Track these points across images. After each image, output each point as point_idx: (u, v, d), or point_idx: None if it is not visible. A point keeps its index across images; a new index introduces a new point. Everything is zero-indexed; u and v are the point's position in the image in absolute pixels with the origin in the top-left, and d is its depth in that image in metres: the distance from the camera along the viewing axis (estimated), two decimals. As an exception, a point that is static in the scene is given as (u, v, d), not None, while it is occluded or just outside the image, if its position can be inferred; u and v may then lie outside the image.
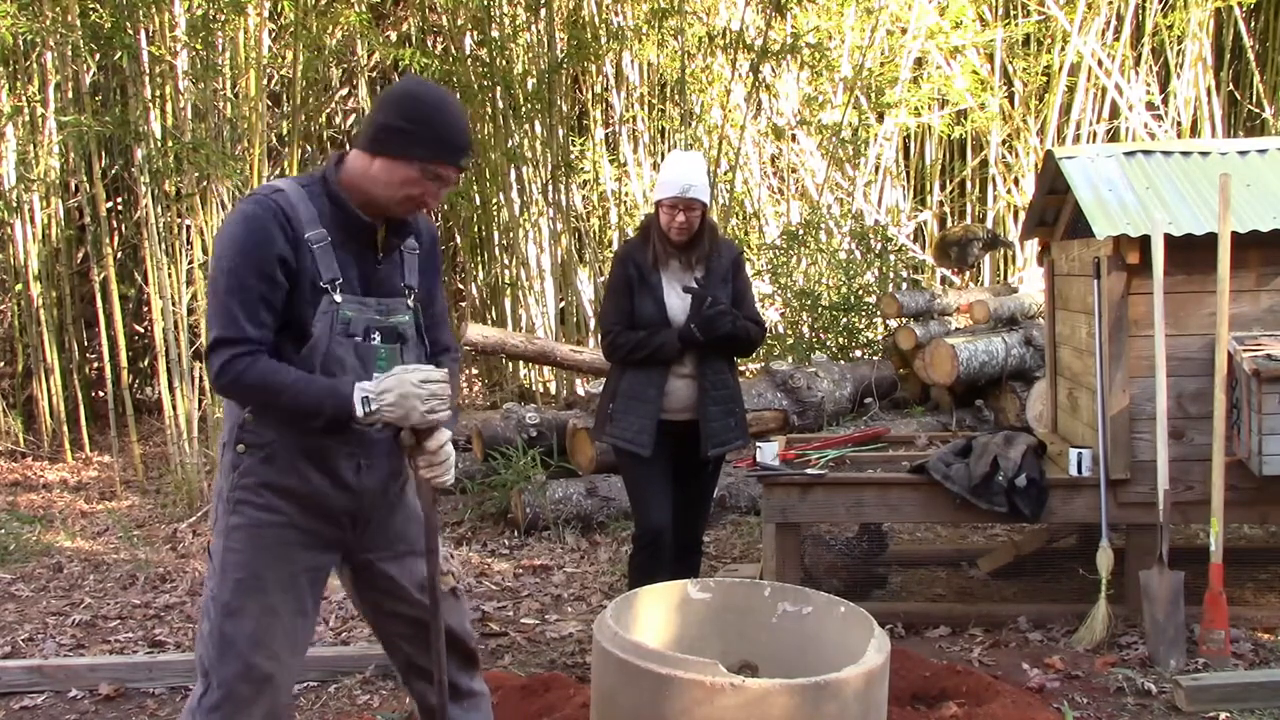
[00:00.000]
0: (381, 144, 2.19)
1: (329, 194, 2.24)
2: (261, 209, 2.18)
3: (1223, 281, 3.77)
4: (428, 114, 2.19)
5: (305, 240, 2.18)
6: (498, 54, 8.47)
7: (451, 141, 2.22)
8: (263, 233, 2.15)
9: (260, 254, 2.14)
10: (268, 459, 2.25)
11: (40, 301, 8.08)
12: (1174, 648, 3.68)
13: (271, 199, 2.19)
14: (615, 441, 3.72)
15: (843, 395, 6.85)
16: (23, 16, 6.78)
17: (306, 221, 2.19)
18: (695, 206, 3.66)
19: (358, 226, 2.25)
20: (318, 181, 2.26)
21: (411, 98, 2.21)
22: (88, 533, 6.06)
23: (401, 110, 2.19)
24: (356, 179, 2.23)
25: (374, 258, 2.29)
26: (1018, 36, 9.54)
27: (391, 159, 2.19)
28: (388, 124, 2.19)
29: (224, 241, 2.18)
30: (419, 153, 2.19)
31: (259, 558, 2.24)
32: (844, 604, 2.46)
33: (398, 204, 2.24)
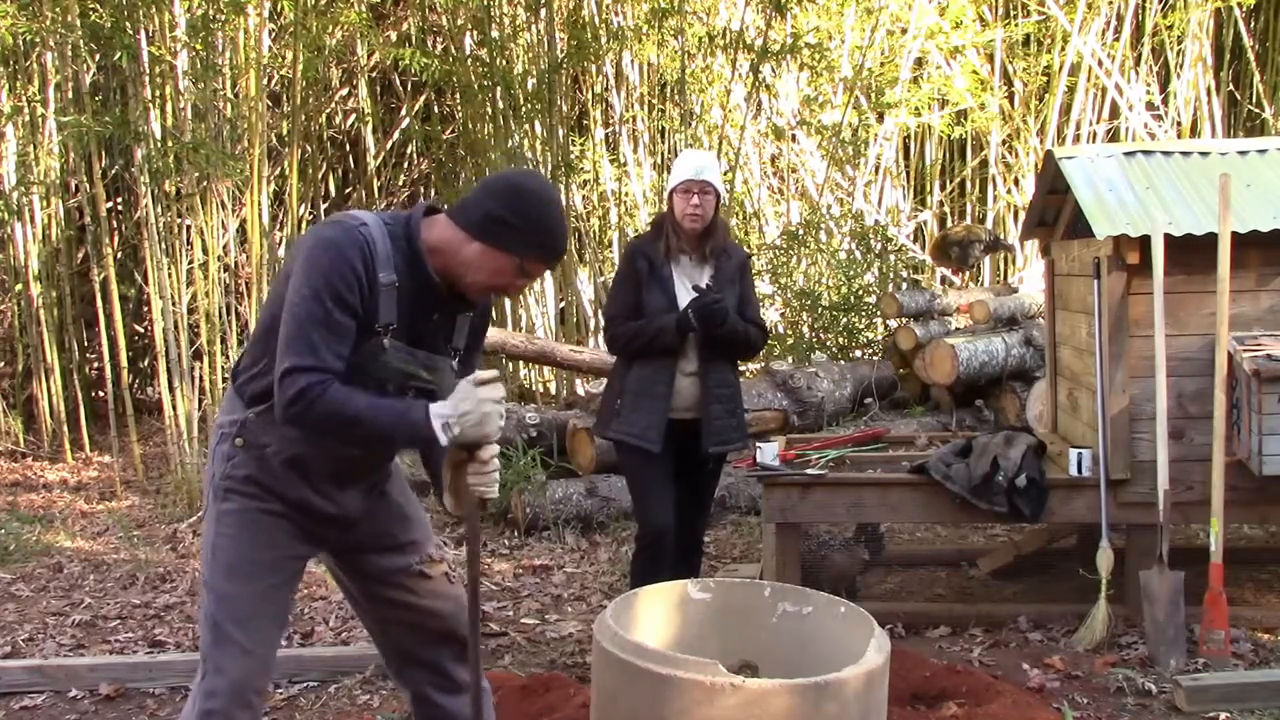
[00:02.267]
0: (486, 232, 2.21)
1: (410, 244, 2.25)
2: (348, 239, 2.19)
3: (1223, 281, 3.77)
4: (539, 215, 2.22)
5: (379, 279, 2.20)
6: (498, 54, 8.47)
7: (554, 246, 2.27)
8: (347, 264, 2.16)
9: (344, 285, 2.15)
10: (260, 459, 2.29)
11: (40, 301, 8.07)
12: (1174, 648, 3.68)
13: (359, 231, 2.20)
14: (623, 437, 3.71)
15: (843, 395, 6.84)
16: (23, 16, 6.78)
17: (382, 261, 2.21)
18: (709, 190, 3.67)
19: (427, 285, 2.26)
20: (400, 225, 2.27)
21: (526, 195, 2.23)
22: (88, 533, 6.06)
23: (514, 205, 2.21)
24: (444, 249, 2.25)
25: (431, 316, 2.32)
26: (1018, 36, 9.54)
27: (493, 249, 2.22)
28: (498, 216, 2.21)
29: (307, 266, 2.17)
30: (522, 250, 2.22)
31: (248, 541, 2.29)
32: (844, 604, 2.46)
33: (480, 288, 2.28)
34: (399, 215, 2.31)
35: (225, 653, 2.25)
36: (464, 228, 2.23)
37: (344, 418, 2.14)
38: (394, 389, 2.27)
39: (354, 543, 2.43)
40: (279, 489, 2.30)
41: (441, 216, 2.29)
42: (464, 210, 2.25)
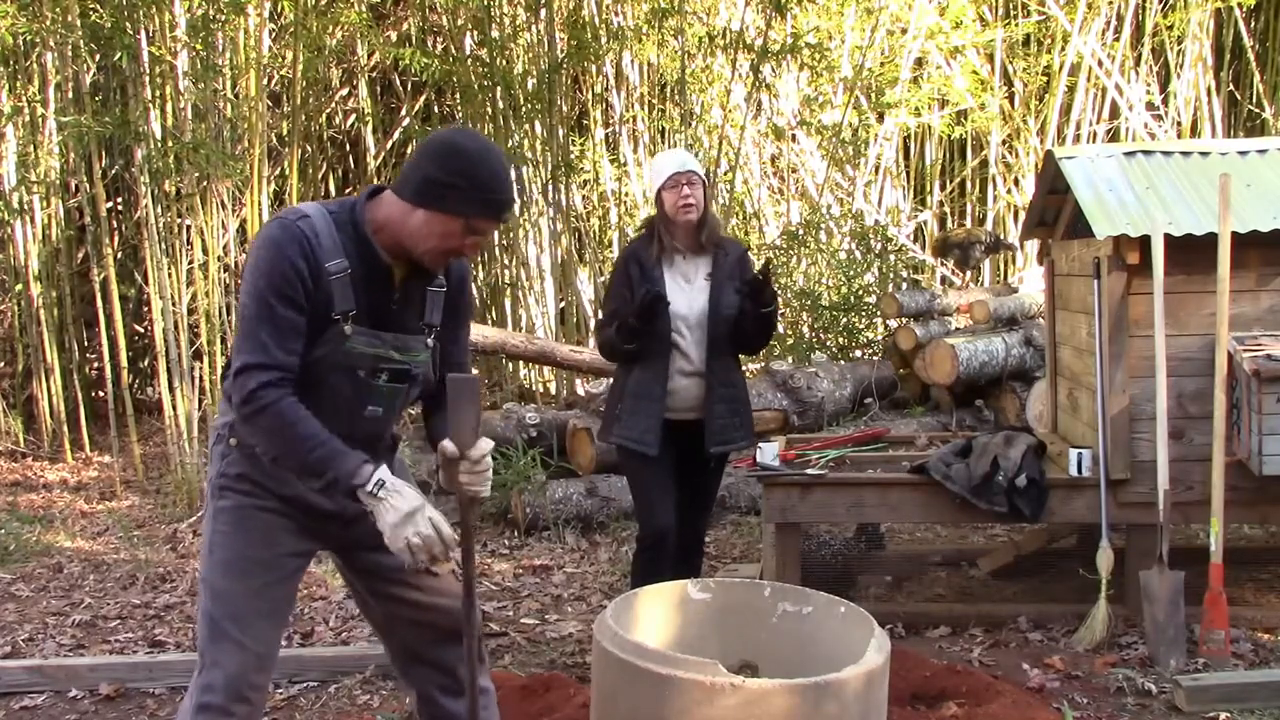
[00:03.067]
0: (427, 197, 2.18)
1: (355, 228, 2.23)
2: (285, 235, 2.18)
3: (1223, 281, 3.77)
4: (477, 170, 2.17)
5: (325, 269, 2.18)
6: (498, 54, 8.47)
7: (498, 199, 2.21)
8: (286, 260, 2.15)
9: (284, 281, 2.15)
10: (252, 457, 2.29)
11: (40, 301, 8.07)
12: (1174, 648, 3.69)
13: (296, 225, 2.19)
14: (623, 441, 3.71)
15: (843, 395, 6.84)
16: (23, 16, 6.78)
17: (328, 250, 2.19)
18: (695, 180, 3.67)
19: (378, 267, 2.25)
20: (346, 211, 2.26)
21: (461, 152, 2.18)
22: (88, 533, 6.06)
23: (451, 165, 2.17)
24: (390, 224, 2.22)
25: (390, 297, 2.29)
26: (1018, 36, 9.54)
27: (436, 213, 2.18)
28: (436, 179, 2.17)
29: (250, 266, 2.19)
30: (465, 210, 2.18)
31: (244, 538, 2.28)
32: (844, 604, 2.46)
33: (433, 255, 2.24)
34: (346, 201, 2.30)
35: (221, 648, 2.25)
36: (406, 198, 2.20)
37: (286, 434, 2.15)
38: (365, 374, 2.26)
39: (355, 539, 2.41)
40: (273, 486, 2.30)
41: (387, 193, 2.26)
42: (403, 180, 2.22)
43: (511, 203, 2.28)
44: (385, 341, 2.28)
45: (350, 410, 2.29)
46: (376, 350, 2.27)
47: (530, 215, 9.01)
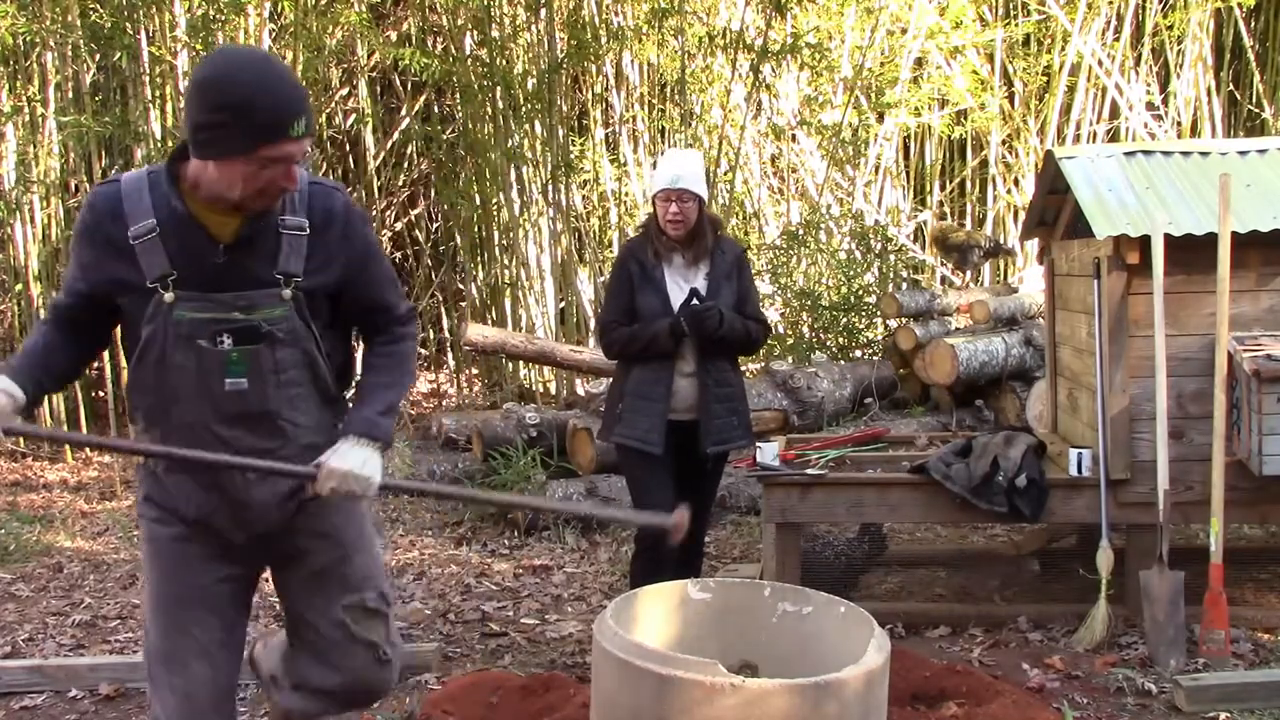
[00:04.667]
0: (204, 147, 1.94)
1: (168, 185, 2.03)
2: (86, 204, 2.10)
3: (1223, 281, 3.77)
4: (234, 96, 1.88)
5: (128, 235, 2.01)
6: (498, 54, 8.47)
7: (274, 117, 1.91)
8: (81, 231, 2.08)
9: (78, 251, 2.10)
10: (155, 477, 2.17)
11: (40, 301, 8.07)
12: (1174, 648, 3.68)
13: (98, 192, 2.09)
14: (625, 441, 3.71)
15: (843, 395, 6.85)
16: (23, 16, 6.78)
17: (134, 216, 2.02)
18: (687, 198, 3.66)
19: (188, 221, 2.03)
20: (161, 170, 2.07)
21: (209, 84, 1.91)
22: (88, 533, 6.06)
23: (205, 102, 1.90)
24: (198, 181, 2.02)
25: (216, 249, 2.04)
26: (1018, 36, 9.55)
27: (221, 160, 1.94)
28: (200, 123, 1.92)
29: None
30: (246, 144, 1.91)
31: (161, 572, 2.16)
32: (844, 604, 2.46)
33: (252, 200, 2.00)
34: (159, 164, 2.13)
35: (156, 693, 2.14)
36: (193, 155, 1.98)
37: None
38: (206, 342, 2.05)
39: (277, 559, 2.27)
40: (175, 504, 2.15)
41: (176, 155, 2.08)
42: (186, 136, 1.99)
43: (295, 109, 1.93)
44: (220, 303, 2.04)
45: (207, 388, 2.07)
46: (210, 314, 2.04)
47: (530, 215, 9.01)
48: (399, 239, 11.65)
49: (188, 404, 2.07)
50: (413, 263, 11.55)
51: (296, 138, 1.94)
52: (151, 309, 2.03)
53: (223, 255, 2.04)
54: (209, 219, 2.04)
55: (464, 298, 10.54)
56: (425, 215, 11.68)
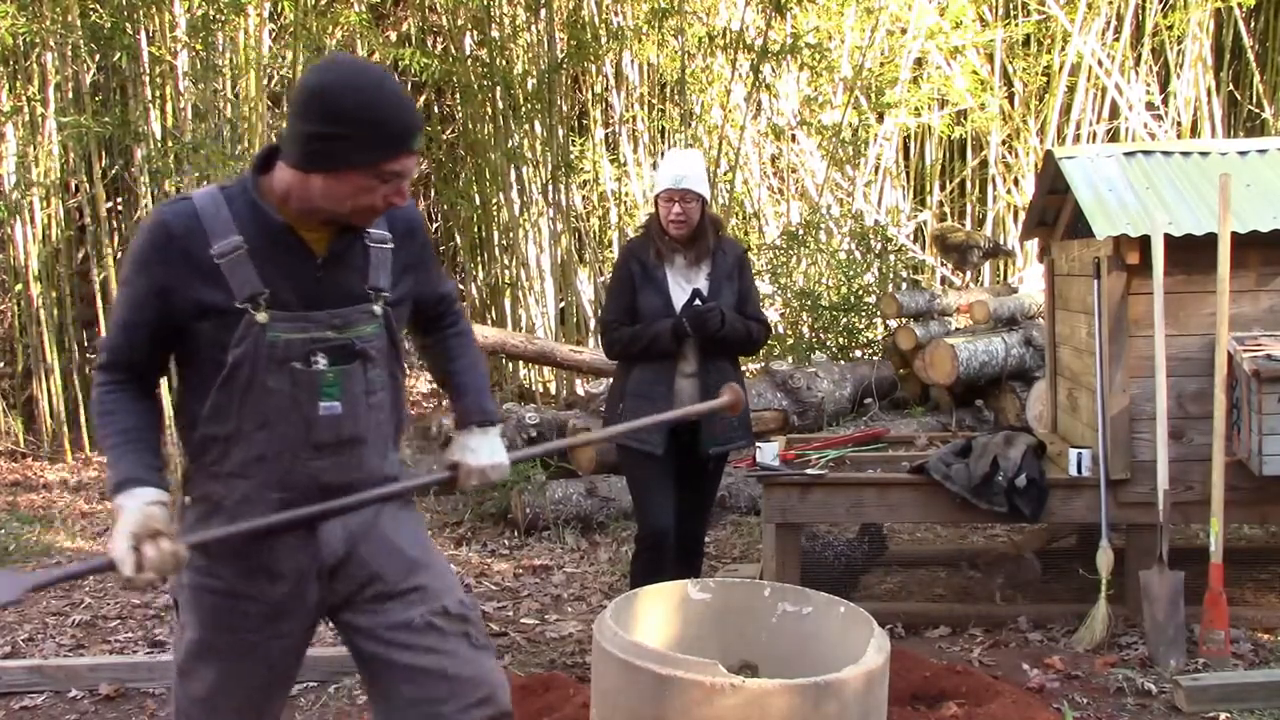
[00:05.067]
0: (316, 159, 1.82)
1: (248, 198, 1.91)
2: (150, 224, 1.91)
3: (1223, 281, 3.77)
4: (357, 107, 1.79)
5: (209, 257, 1.86)
6: (498, 54, 8.47)
7: (399, 129, 1.84)
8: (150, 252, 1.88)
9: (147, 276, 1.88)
10: (204, 518, 1.96)
11: (40, 301, 8.07)
12: (1174, 648, 3.68)
13: (167, 210, 1.91)
14: (627, 441, 3.71)
15: (843, 395, 6.85)
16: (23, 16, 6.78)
17: (215, 233, 1.87)
18: (690, 198, 3.66)
19: (283, 235, 1.91)
20: (237, 184, 1.95)
21: (330, 93, 1.80)
22: (88, 533, 6.06)
23: (325, 113, 1.80)
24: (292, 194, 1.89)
25: (313, 264, 1.93)
26: (1018, 36, 9.55)
27: (333, 174, 1.83)
28: (315, 134, 1.81)
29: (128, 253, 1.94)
30: (366, 157, 1.82)
31: (205, 622, 1.97)
32: (844, 604, 2.46)
33: (359, 215, 1.91)
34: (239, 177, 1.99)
35: None
36: (294, 166, 1.85)
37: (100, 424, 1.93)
38: (301, 363, 1.91)
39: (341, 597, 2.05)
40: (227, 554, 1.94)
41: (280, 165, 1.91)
42: (287, 146, 1.87)
43: (416, 122, 1.88)
44: (315, 323, 1.92)
45: (303, 415, 1.93)
46: (308, 334, 1.92)
47: (530, 215, 9.01)
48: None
49: (276, 431, 1.92)
50: (413, 263, 11.54)
51: (413, 152, 1.89)
52: (241, 331, 1.87)
53: (320, 270, 1.94)
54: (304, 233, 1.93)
55: (464, 298, 10.53)
56: (425, 215, 11.68)
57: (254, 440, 1.92)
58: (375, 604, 2.05)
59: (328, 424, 1.95)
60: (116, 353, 1.95)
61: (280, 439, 1.92)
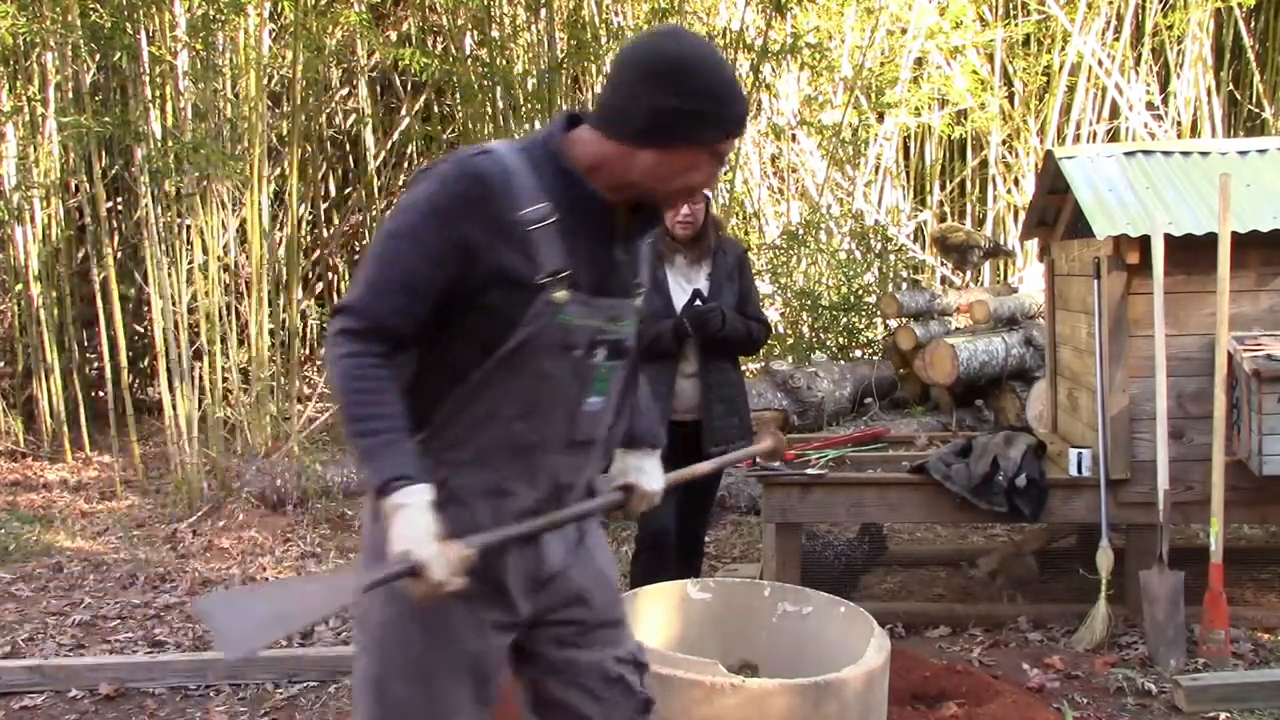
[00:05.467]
0: (659, 133, 1.67)
1: (556, 163, 1.73)
2: (459, 172, 1.70)
3: (1223, 281, 3.77)
4: (713, 83, 1.68)
5: (517, 220, 1.68)
6: (498, 54, 8.47)
7: (741, 112, 1.73)
8: (452, 202, 1.67)
9: (450, 229, 1.66)
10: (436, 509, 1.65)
11: (40, 301, 8.07)
12: (1174, 648, 3.68)
13: (474, 161, 1.71)
14: None
15: (843, 395, 6.85)
16: (23, 16, 6.78)
17: (523, 195, 1.69)
18: (699, 199, 3.67)
19: (597, 212, 1.75)
20: (539, 149, 1.76)
21: (689, 65, 1.67)
22: (88, 533, 6.06)
23: (683, 86, 1.66)
24: (605, 168, 1.73)
25: (611, 249, 1.79)
26: (1018, 36, 9.55)
27: (673, 149, 1.69)
28: (669, 108, 1.66)
29: (406, 201, 1.72)
30: (711, 134, 1.70)
31: (422, 636, 1.73)
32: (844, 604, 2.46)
33: (672, 196, 1.77)
34: (534, 137, 1.80)
35: None
36: (625, 138, 1.69)
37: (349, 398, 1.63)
38: (584, 352, 1.75)
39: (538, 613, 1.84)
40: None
41: (584, 130, 1.75)
42: (616, 116, 1.70)
43: (747, 107, 1.81)
44: (600, 311, 1.76)
45: (572, 407, 1.77)
46: (593, 321, 1.76)
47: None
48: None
49: (538, 421, 1.74)
50: (413, 263, 11.55)
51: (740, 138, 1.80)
52: (537, 308, 1.69)
53: (614, 255, 1.79)
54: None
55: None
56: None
57: (512, 429, 1.73)
58: (574, 633, 1.86)
59: (588, 420, 1.80)
60: (385, 317, 1.67)
61: (539, 430, 1.75)
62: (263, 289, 6.92)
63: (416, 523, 1.57)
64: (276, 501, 6.07)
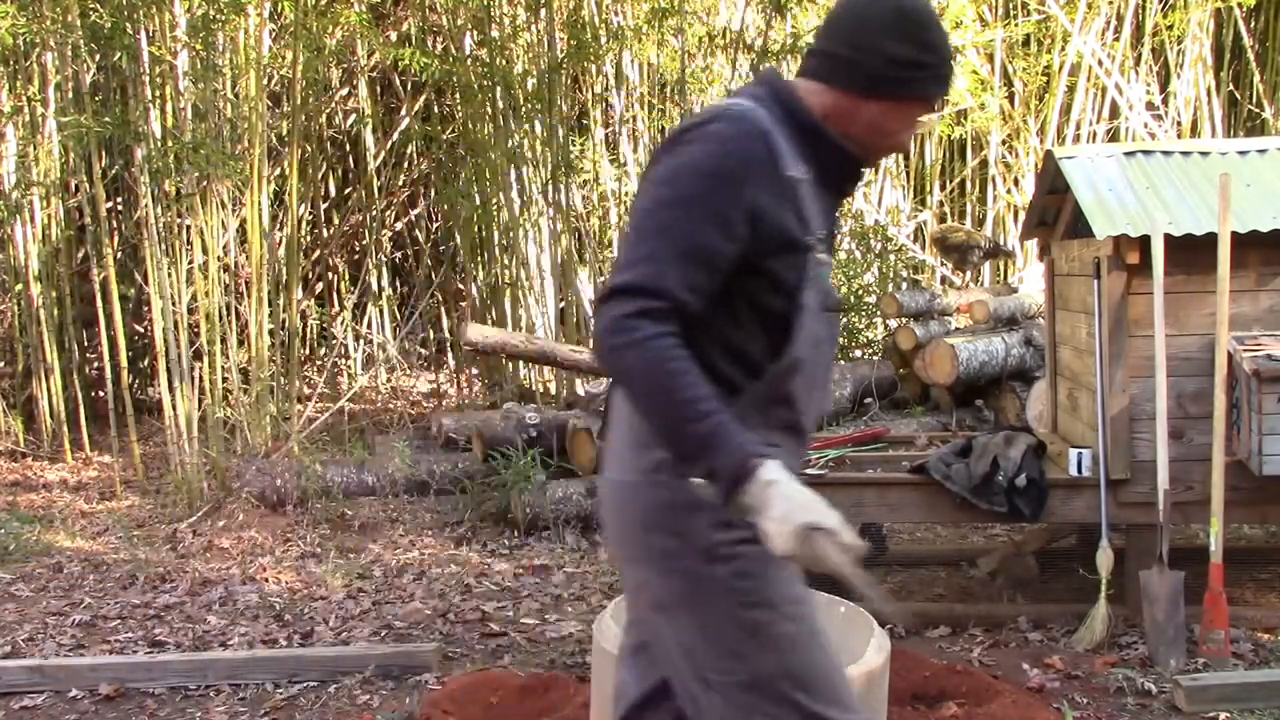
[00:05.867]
0: (892, 84, 1.66)
1: (800, 122, 1.68)
2: (739, 131, 1.59)
3: (1223, 281, 3.77)
4: (938, 38, 1.68)
5: (789, 179, 1.61)
6: (498, 54, 8.47)
7: (954, 70, 1.76)
8: (739, 164, 1.57)
9: (728, 193, 1.55)
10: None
11: (40, 301, 8.07)
12: (1174, 648, 3.68)
13: (751, 118, 1.61)
14: None
15: (843, 395, 6.85)
16: (23, 16, 6.78)
17: (787, 154, 1.62)
18: None
19: (837, 170, 1.71)
20: (774, 102, 1.69)
21: (919, 19, 1.67)
22: (88, 533, 6.06)
23: (922, 39, 1.66)
24: (835, 118, 1.69)
25: (836, 203, 1.76)
26: (1018, 36, 9.54)
27: (902, 101, 1.68)
28: (908, 59, 1.65)
29: (676, 166, 1.59)
30: (935, 89, 1.70)
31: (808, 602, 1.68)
32: (844, 604, 2.46)
33: (884, 151, 1.76)
34: (757, 93, 1.71)
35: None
36: (854, 88, 1.66)
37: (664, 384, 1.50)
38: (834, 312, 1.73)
39: None
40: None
41: (802, 82, 1.72)
42: (845, 66, 1.67)
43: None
44: (830, 268, 1.75)
45: (826, 374, 1.74)
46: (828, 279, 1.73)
47: (530, 215, 9.01)
48: (399, 239, 11.64)
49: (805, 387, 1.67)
50: (413, 263, 11.55)
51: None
52: (810, 270, 1.63)
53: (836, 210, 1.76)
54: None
55: (464, 298, 10.54)
56: (425, 215, 11.68)
57: (795, 404, 1.68)
58: None
59: (827, 378, 1.77)
60: (678, 293, 1.53)
61: (807, 396, 1.69)
62: (263, 289, 6.92)
63: (802, 492, 1.50)
64: (276, 501, 6.07)
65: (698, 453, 1.51)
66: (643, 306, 1.52)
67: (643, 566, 1.68)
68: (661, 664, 1.74)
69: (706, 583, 1.62)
